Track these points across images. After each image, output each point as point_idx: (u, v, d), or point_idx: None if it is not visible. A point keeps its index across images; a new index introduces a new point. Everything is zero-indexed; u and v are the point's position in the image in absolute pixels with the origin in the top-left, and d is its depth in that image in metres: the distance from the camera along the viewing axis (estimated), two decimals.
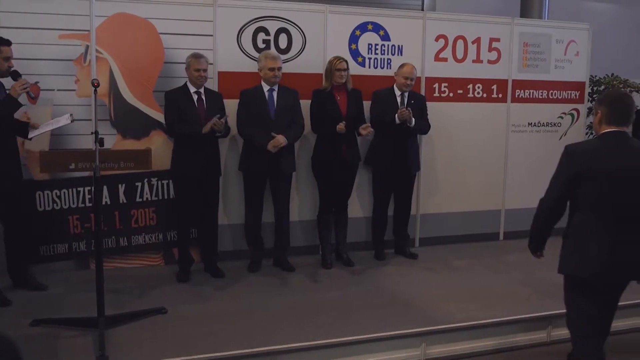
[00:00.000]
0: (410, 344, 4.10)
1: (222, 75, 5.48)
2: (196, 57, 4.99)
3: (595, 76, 7.22)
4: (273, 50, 5.53)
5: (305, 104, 5.43)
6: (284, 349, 3.81)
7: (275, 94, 5.24)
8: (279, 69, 5.19)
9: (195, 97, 5.02)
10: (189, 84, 5.02)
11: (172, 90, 5.06)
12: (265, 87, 5.23)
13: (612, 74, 7.24)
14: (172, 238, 5.46)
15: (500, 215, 6.70)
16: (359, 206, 6.02)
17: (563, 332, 4.44)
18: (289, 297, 4.75)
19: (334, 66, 5.38)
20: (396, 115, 5.48)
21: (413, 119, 5.53)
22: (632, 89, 7.24)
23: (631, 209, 3.10)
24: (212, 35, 5.44)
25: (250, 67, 5.46)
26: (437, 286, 5.10)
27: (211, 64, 5.34)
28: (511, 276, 5.39)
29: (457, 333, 4.23)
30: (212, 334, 3.99)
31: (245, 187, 5.41)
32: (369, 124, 5.45)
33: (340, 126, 5.23)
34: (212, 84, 5.38)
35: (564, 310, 3.60)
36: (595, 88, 7.20)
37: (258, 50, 5.54)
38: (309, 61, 5.73)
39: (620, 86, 7.10)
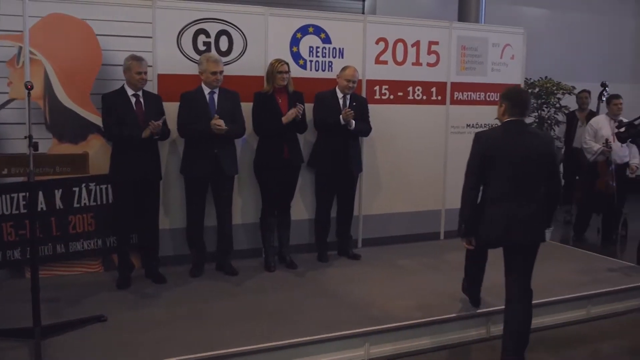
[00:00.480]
0: (353, 344, 4.13)
1: (161, 77, 5.40)
2: (137, 59, 4.89)
3: (530, 79, 7.43)
4: (214, 53, 5.48)
5: (247, 107, 5.41)
6: (227, 353, 3.79)
7: (216, 97, 5.20)
8: (221, 72, 5.16)
9: (133, 99, 4.92)
10: (126, 87, 4.92)
11: (110, 93, 4.95)
12: (206, 90, 5.18)
13: (546, 77, 7.47)
14: (111, 244, 5.34)
15: (441, 215, 6.82)
16: (302, 208, 6.02)
17: (499, 328, 4.59)
18: (232, 302, 4.72)
19: (276, 69, 5.37)
20: (341, 116, 5.51)
21: (353, 122, 5.57)
22: (565, 91, 7.49)
23: (528, 185, 3.82)
24: (151, 37, 5.36)
25: (191, 69, 5.40)
26: (379, 286, 5.16)
27: (150, 66, 5.25)
28: (451, 275, 5.48)
29: (400, 332, 4.28)
30: (154, 341, 3.92)
31: (187, 191, 5.34)
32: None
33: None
34: (152, 87, 5.29)
35: (503, 307, 3.82)
36: (529, 90, 7.41)
37: (198, 52, 5.48)
38: (250, 63, 5.71)
39: (554, 89, 7.32)
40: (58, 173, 4.15)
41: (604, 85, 7.75)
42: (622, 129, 5.37)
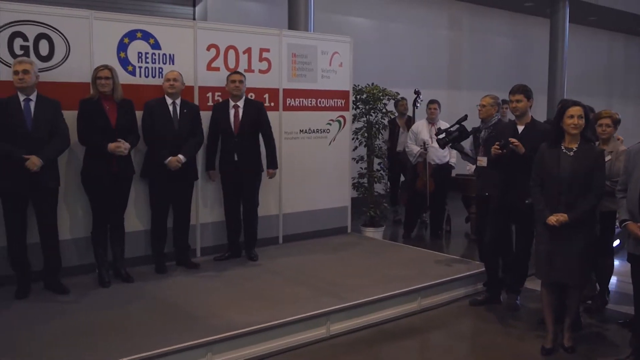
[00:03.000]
0: (195, 355, 4.06)
1: None
2: None
3: (358, 85, 7.74)
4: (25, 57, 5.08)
5: (73, 115, 5.14)
6: None
7: (32, 105, 4.83)
8: (25, 71, 4.75)
9: None
10: None
11: None
12: (21, 97, 4.81)
13: (373, 84, 7.82)
14: None
15: (279, 219, 6.91)
16: (136, 219, 5.81)
17: (340, 327, 4.76)
18: (63, 321, 4.42)
19: (95, 75, 5.16)
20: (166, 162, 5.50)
21: (181, 156, 5.54)
22: (390, 97, 7.89)
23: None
24: None
25: (7, 75, 5.00)
26: (218, 294, 5.12)
27: None
28: (289, 277, 5.59)
29: (241, 339, 4.27)
30: None
31: (3, 207, 4.93)
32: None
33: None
34: None
35: (341, 305, 3.96)
36: (358, 96, 7.73)
37: (15, 56, 5.09)
38: (75, 69, 5.41)
39: (380, 95, 7.69)
40: None
41: (417, 92, 8.29)
42: (441, 136, 5.78)
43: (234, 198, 6.16)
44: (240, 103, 6.02)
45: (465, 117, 5.77)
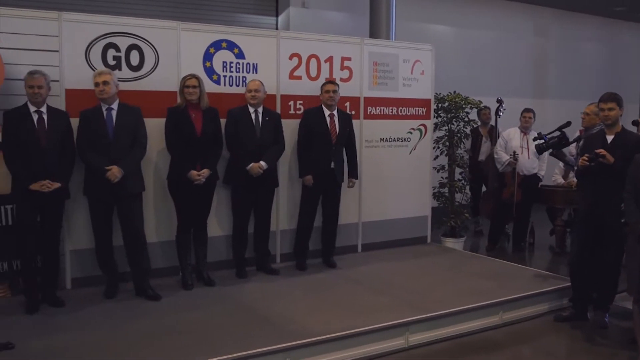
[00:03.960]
0: None
1: (69, 92, 5.22)
2: (30, 73, 4.71)
3: (440, 93, 7.65)
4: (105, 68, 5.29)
5: (161, 122, 5.33)
6: None
7: (114, 113, 5.01)
8: (105, 83, 4.93)
9: (35, 116, 4.71)
10: (29, 103, 4.72)
11: (10, 110, 4.73)
12: (104, 106, 5.00)
13: (455, 92, 7.71)
14: (17, 267, 5.08)
15: (358, 227, 6.90)
16: (217, 225, 5.94)
17: (419, 337, 4.69)
18: (148, 322, 4.58)
19: (183, 83, 5.31)
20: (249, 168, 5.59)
21: (263, 163, 5.62)
22: (473, 106, 7.76)
23: None
24: (57, 51, 5.18)
25: None
26: (297, 300, 5.16)
27: (57, 80, 5.08)
28: (368, 286, 5.56)
29: (319, 346, 4.28)
30: None
31: (91, 212, 5.14)
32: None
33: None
34: (59, 102, 5.12)
35: (420, 316, 3.88)
36: (439, 105, 7.64)
37: (108, 67, 5.33)
38: (163, 79, 5.62)
39: (462, 103, 7.57)
40: None
41: (499, 101, 8.10)
42: (540, 141, 5.59)
43: (314, 205, 6.20)
44: (335, 112, 6.08)
45: (568, 124, 5.56)
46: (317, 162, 6.04)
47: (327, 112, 6.07)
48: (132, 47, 5.50)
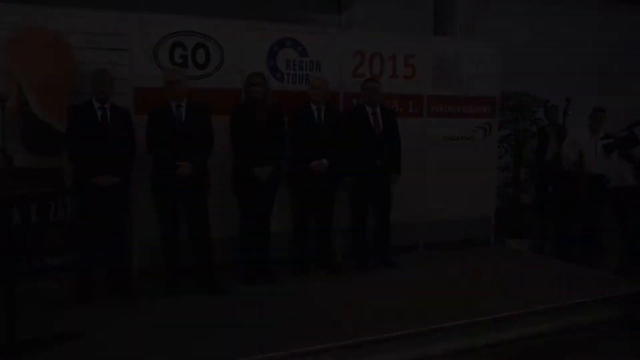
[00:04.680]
0: (336, 357, 4.10)
1: (137, 90, 5.37)
2: (98, 71, 4.90)
3: (505, 92, 7.50)
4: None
5: (225, 120, 5.40)
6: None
7: (183, 110, 5.11)
8: (179, 81, 5.05)
9: (99, 112, 4.89)
10: (94, 99, 4.90)
11: (75, 104, 4.93)
12: (173, 103, 5.10)
13: (521, 90, 7.55)
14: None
15: (422, 226, 6.85)
16: (279, 222, 5.92)
17: (483, 340, 4.60)
18: (211, 317, 4.65)
19: (249, 81, 5.37)
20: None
21: (324, 161, 5.64)
22: (540, 104, 7.58)
23: None
24: (126, 50, 5.33)
25: None
26: (358, 297, 5.12)
27: (124, 78, 5.23)
28: (430, 285, 5.49)
29: (381, 344, 4.26)
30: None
31: (158, 207, 5.24)
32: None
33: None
34: (128, 100, 5.27)
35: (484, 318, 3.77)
36: (505, 103, 7.48)
37: (175, 64, 5.47)
38: (228, 77, 5.71)
39: (529, 101, 7.40)
40: (33, 187, 4.05)
41: (568, 100, 7.85)
42: (607, 141, 5.39)
43: (365, 203, 6.15)
44: (377, 109, 5.99)
45: (638, 122, 5.33)
46: (362, 160, 5.93)
47: (369, 110, 5.96)
48: (199, 45, 5.60)
